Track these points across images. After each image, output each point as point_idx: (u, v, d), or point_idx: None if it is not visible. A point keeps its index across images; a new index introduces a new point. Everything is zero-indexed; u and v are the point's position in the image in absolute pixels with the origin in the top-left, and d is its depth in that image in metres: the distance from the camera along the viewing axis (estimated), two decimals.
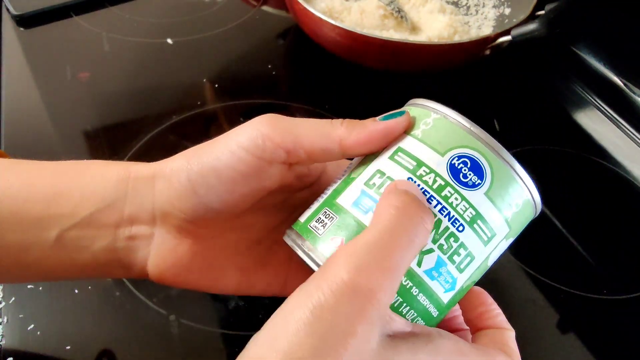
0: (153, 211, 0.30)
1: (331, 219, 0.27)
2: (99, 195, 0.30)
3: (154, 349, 0.40)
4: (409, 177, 0.26)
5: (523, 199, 0.27)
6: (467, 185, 0.26)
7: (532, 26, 0.61)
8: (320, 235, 0.26)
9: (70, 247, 0.29)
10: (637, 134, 0.62)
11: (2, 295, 0.42)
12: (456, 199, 0.25)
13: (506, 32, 0.62)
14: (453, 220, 0.25)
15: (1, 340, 0.39)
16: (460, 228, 0.25)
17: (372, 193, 0.26)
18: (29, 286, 0.42)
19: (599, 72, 0.66)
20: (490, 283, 0.30)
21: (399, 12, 0.70)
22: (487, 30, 0.73)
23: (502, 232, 0.26)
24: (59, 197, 0.29)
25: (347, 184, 0.28)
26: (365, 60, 0.65)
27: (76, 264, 0.30)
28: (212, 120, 0.60)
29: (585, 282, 0.47)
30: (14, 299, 0.42)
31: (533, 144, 0.60)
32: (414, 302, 0.25)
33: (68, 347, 0.39)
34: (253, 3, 0.79)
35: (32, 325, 0.40)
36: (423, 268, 0.25)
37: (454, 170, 0.26)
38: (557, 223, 0.52)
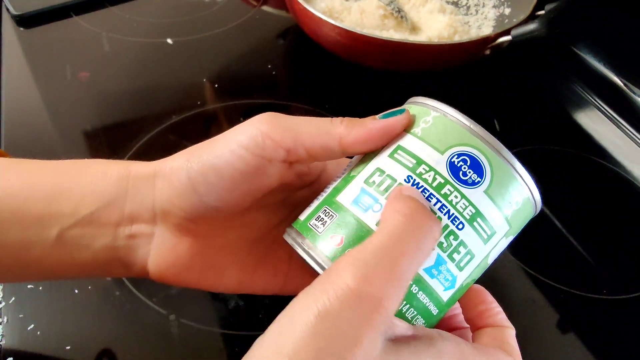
0: (153, 210, 0.30)
1: (331, 217, 0.27)
2: (100, 193, 0.30)
3: (154, 349, 0.39)
4: (408, 175, 0.26)
5: (523, 197, 0.27)
6: (467, 183, 0.26)
7: (532, 26, 0.61)
8: (320, 233, 0.26)
9: (71, 246, 0.29)
10: (637, 134, 0.62)
11: (2, 295, 0.42)
12: (456, 197, 0.25)
13: (506, 32, 0.62)
14: (453, 218, 0.25)
15: (1, 340, 0.39)
16: (460, 226, 0.25)
17: (371, 191, 0.26)
18: (29, 286, 0.42)
19: (599, 72, 0.66)
20: (490, 283, 0.30)
21: (399, 12, 0.70)
22: (487, 30, 0.73)
23: (502, 230, 0.26)
24: (59, 196, 0.29)
25: (346, 182, 0.27)
26: (365, 60, 0.65)
27: (76, 262, 0.30)
28: (212, 120, 0.60)
29: (585, 282, 0.47)
30: (14, 299, 0.41)
31: (533, 143, 0.60)
32: (414, 300, 0.25)
33: (68, 347, 0.39)
34: (253, 3, 0.79)
35: (32, 325, 0.40)
36: (423, 266, 0.25)
37: (454, 168, 0.26)
38: (557, 223, 0.52)
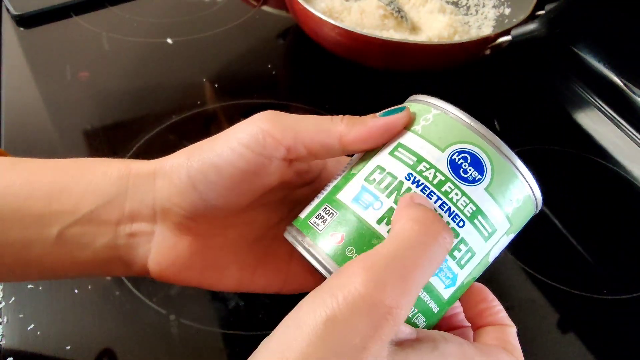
0: (153, 208, 0.30)
1: (331, 215, 0.27)
2: (100, 192, 0.30)
3: (154, 349, 0.39)
4: (409, 173, 0.26)
5: (524, 195, 0.27)
6: (468, 180, 0.26)
7: (532, 26, 0.61)
8: (321, 231, 0.26)
9: (71, 244, 0.29)
10: (637, 134, 0.62)
11: (2, 295, 0.42)
12: (456, 194, 0.25)
13: (506, 32, 0.62)
14: (453, 216, 0.25)
15: (1, 340, 0.39)
16: (461, 224, 0.25)
17: (372, 189, 0.26)
18: (29, 286, 0.42)
19: (599, 72, 0.66)
20: (490, 282, 0.30)
21: (399, 12, 0.70)
22: (487, 30, 0.73)
23: (503, 228, 0.26)
24: (59, 195, 0.29)
25: (347, 180, 0.27)
26: (365, 60, 0.65)
27: (77, 261, 0.30)
28: (212, 120, 0.60)
29: (585, 282, 0.47)
30: (14, 298, 0.41)
31: (533, 143, 0.60)
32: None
33: (68, 347, 0.39)
34: (253, 3, 0.79)
35: (32, 325, 0.40)
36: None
37: (454, 166, 0.26)
38: (557, 223, 0.52)
